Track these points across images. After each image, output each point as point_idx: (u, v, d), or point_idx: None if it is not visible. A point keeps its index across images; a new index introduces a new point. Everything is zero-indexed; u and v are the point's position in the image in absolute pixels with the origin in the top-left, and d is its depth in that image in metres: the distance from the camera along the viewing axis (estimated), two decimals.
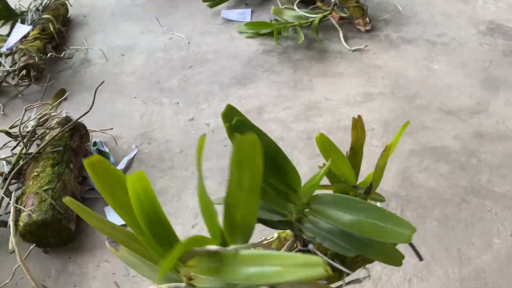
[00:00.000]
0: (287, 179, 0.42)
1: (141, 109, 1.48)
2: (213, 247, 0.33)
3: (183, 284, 0.37)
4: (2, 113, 1.50)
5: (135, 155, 1.30)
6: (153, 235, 0.36)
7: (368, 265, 0.58)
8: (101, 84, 1.24)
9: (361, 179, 0.65)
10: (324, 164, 0.44)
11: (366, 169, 1.20)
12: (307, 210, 0.42)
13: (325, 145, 0.45)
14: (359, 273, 0.54)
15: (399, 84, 1.47)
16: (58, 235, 1.03)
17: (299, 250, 0.48)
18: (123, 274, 1.01)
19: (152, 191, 0.36)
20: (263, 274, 0.29)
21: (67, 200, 0.39)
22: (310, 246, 0.47)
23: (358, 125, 0.44)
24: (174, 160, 1.28)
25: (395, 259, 0.39)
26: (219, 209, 0.36)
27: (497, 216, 1.05)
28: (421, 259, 0.51)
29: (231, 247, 0.33)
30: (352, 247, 0.37)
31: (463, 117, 1.32)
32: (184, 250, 0.32)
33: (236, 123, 0.39)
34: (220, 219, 0.37)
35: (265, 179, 0.41)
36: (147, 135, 1.38)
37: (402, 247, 0.47)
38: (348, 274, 0.46)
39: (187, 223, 1.10)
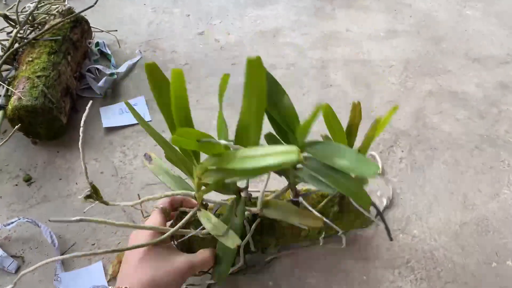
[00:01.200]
0: (286, 117, 0.47)
1: (150, 17, 1.39)
2: (222, 141, 0.41)
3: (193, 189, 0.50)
4: (4, 2, 1.42)
5: (137, 61, 1.23)
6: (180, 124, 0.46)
7: None
8: None
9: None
10: (325, 135, 0.51)
11: (380, 104, 1.14)
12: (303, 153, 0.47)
13: (329, 116, 0.49)
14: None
15: (426, 24, 1.37)
16: (48, 126, 0.98)
17: (290, 201, 0.56)
18: (111, 174, 0.97)
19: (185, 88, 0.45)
20: (253, 160, 0.38)
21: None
22: (300, 199, 0.55)
23: (357, 109, 0.47)
24: None
25: (365, 200, 0.45)
26: None
27: (509, 167, 0.99)
28: (390, 239, 0.70)
29: (235, 146, 0.42)
30: (333, 185, 0.44)
31: (489, 66, 1.23)
32: (199, 135, 0.42)
33: None
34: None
35: (269, 115, 0.48)
36: (153, 43, 1.30)
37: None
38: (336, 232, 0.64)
39: None
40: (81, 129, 0.46)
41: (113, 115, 1.07)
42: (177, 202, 0.59)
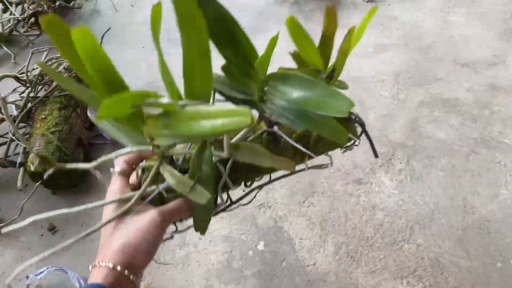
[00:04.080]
0: (243, 52, 0.41)
1: (149, 59, 1.47)
2: (164, 99, 0.33)
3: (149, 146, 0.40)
4: (14, 61, 1.51)
5: None
6: (108, 90, 0.36)
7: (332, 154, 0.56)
8: (107, 31, 1.23)
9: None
10: (293, 52, 0.44)
11: (374, 119, 1.19)
12: (266, 88, 0.41)
13: (295, 29, 0.42)
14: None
15: (413, 35, 1.42)
16: (66, 177, 1.05)
17: (265, 131, 0.50)
18: None
19: (100, 47, 0.34)
20: (199, 125, 0.32)
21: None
22: (275, 128, 0.49)
23: (330, 13, 0.40)
24: None
25: (340, 136, 0.41)
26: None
27: (506, 168, 1.02)
28: (376, 156, 0.56)
29: (181, 102, 0.34)
30: (302, 122, 0.39)
31: (478, 69, 1.28)
32: (135, 99, 0.33)
33: None
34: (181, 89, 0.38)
35: (226, 55, 0.40)
36: (155, 85, 1.37)
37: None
38: (310, 157, 0.51)
39: None
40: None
41: None
42: (134, 159, 0.51)
